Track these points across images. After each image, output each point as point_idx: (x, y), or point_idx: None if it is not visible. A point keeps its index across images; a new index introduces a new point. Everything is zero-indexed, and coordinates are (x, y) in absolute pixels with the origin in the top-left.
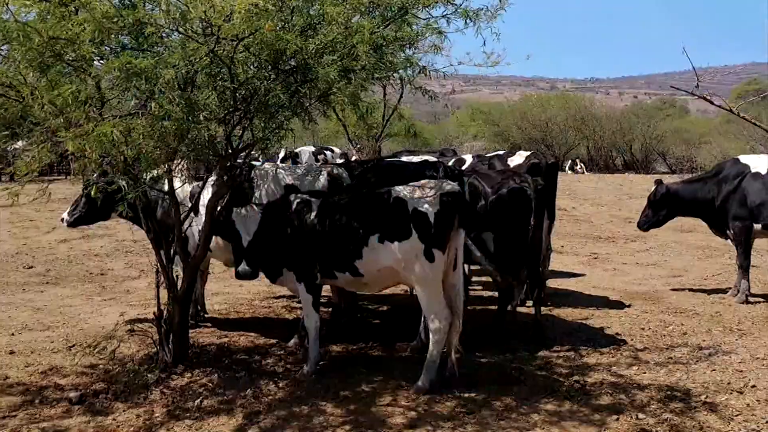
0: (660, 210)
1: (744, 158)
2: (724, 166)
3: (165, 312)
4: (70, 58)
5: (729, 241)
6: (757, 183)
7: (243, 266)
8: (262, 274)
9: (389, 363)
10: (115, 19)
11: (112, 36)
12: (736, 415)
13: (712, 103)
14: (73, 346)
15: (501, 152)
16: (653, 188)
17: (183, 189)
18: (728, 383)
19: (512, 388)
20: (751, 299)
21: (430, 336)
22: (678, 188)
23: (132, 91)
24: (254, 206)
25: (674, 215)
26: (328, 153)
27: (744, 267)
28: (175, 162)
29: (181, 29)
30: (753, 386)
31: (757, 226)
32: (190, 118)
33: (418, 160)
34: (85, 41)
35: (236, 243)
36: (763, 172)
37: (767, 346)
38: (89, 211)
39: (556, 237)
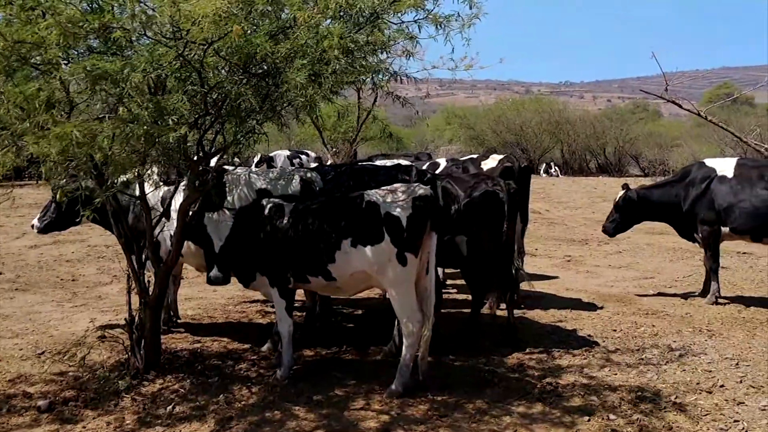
0: (626, 215)
1: (710, 162)
2: (690, 170)
3: (136, 318)
4: (37, 62)
5: (697, 244)
6: (725, 186)
7: (215, 271)
8: (234, 279)
9: (363, 367)
10: (81, 24)
11: (79, 40)
12: (704, 415)
13: (680, 106)
14: (43, 353)
15: (475, 156)
16: (619, 193)
17: (154, 193)
18: (697, 383)
19: (485, 391)
20: (720, 300)
21: (404, 339)
22: (644, 193)
23: (100, 94)
24: (226, 211)
25: (641, 220)
26: (303, 157)
27: (713, 269)
28: (145, 166)
29: (149, 33)
30: (722, 386)
31: (725, 229)
32: (159, 122)
33: (391, 163)
34: (52, 45)
35: (208, 248)
36: (730, 176)
37: (736, 346)
38: (60, 217)
39: (530, 240)
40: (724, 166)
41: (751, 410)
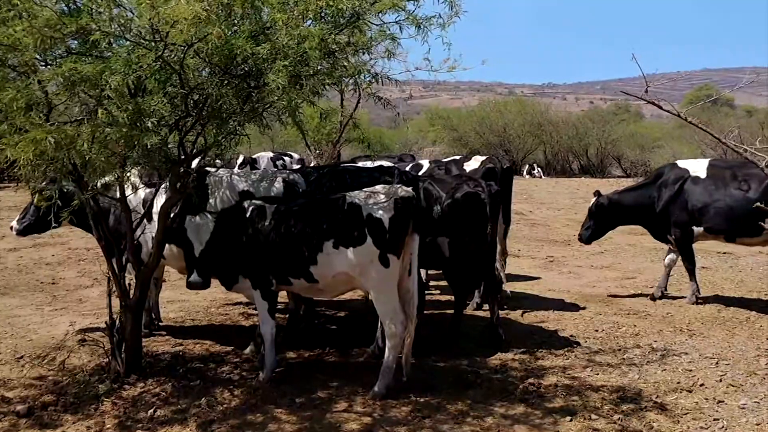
0: (600, 221)
1: (682, 163)
2: (662, 172)
3: (117, 321)
4: (14, 64)
5: (670, 245)
6: (698, 187)
7: (194, 276)
8: (216, 281)
9: (346, 369)
10: (58, 27)
11: (57, 43)
12: (685, 414)
13: (660, 107)
14: (22, 357)
15: (457, 157)
16: (593, 200)
17: (135, 196)
18: (678, 383)
19: (468, 392)
20: (700, 300)
21: (386, 341)
22: (615, 198)
23: (79, 97)
24: (207, 214)
25: (615, 225)
26: (286, 159)
27: (690, 270)
28: (126, 169)
29: (128, 36)
30: (702, 385)
31: (699, 230)
32: (138, 125)
33: (374, 165)
34: (29, 47)
35: (188, 252)
36: (703, 176)
37: (716, 345)
38: (39, 219)
39: (513, 241)
40: (697, 167)
41: (731, 408)
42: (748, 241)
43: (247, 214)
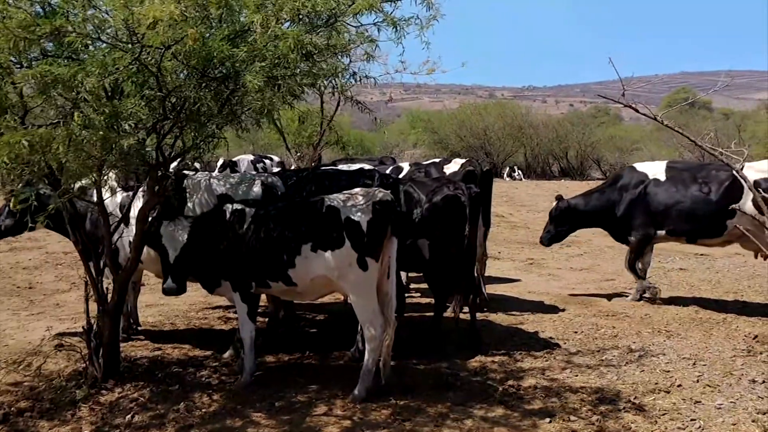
0: (562, 224)
1: (641, 166)
2: (622, 175)
3: (95, 326)
4: None
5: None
6: (659, 189)
7: (168, 282)
8: (194, 285)
9: (326, 372)
10: (32, 28)
11: (32, 44)
12: (662, 415)
13: (637, 111)
14: None
15: (437, 160)
16: (554, 204)
17: (113, 199)
18: (656, 383)
19: (448, 394)
20: (660, 300)
21: (366, 344)
22: (575, 202)
23: (55, 99)
24: (182, 220)
25: (575, 228)
26: (267, 162)
27: (637, 269)
28: (102, 172)
29: (103, 37)
30: (679, 385)
31: (661, 232)
32: (114, 127)
33: (354, 168)
34: (3, 49)
35: (163, 258)
36: (663, 179)
37: (693, 346)
38: (14, 222)
39: (493, 243)
40: (656, 170)
41: (708, 409)
42: (709, 242)
43: (227, 217)
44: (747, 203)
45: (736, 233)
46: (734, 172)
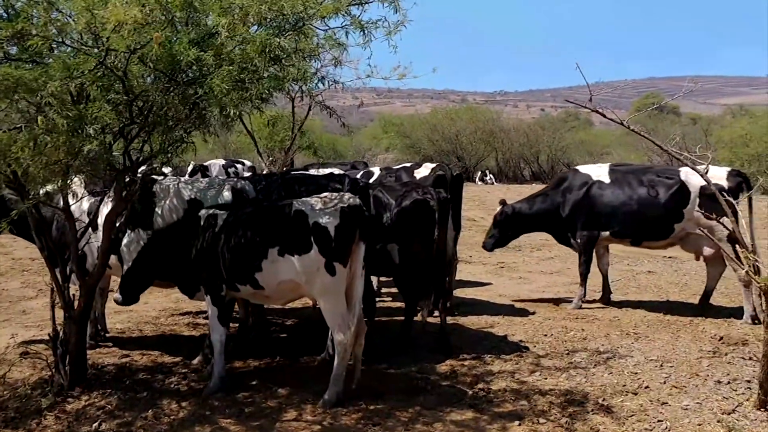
0: (506, 229)
1: (584, 168)
2: (566, 177)
3: (61, 333)
4: None
5: (574, 249)
6: (603, 192)
7: (116, 295)
8: (165, 290)
9: (296, 377)
10: None
11: None
12: (630, 416)
13: (604, 116)
14: None
15: (408, 164)
16: (498, 209)
17: (80, 205)
18: (624, 385)
19: (418, 398)
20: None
21: (335, 349)
22: (519, 207)
23: (17, 103)
24: (138, 231)
25: (520, 233)
26: (238, 166)
27: (584, 275)
28: (68, 177)
29: (67, 41)
30: (647, 387)
31: (606, 234)
32: (79, 131)
33: (324, 173)
34: None
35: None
36: (607, 181)
37: (660, 348)
38: None
39: (465, 247)
40: (600, 172)
41: (674, 410)
42: (654, 245)
43: (201, 222)
44: (694, 207)
45: (679, 236)
46: (702, 175)
